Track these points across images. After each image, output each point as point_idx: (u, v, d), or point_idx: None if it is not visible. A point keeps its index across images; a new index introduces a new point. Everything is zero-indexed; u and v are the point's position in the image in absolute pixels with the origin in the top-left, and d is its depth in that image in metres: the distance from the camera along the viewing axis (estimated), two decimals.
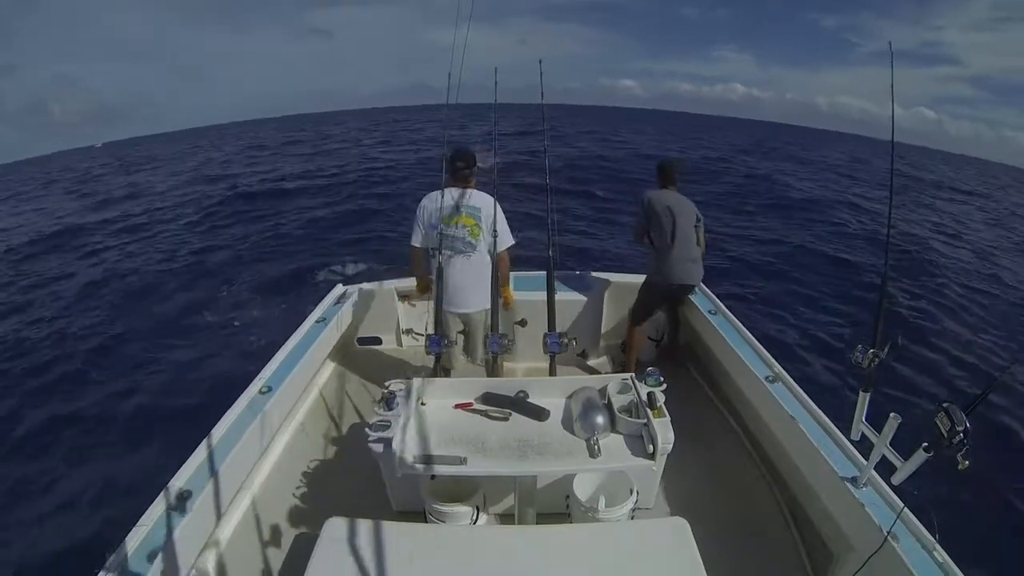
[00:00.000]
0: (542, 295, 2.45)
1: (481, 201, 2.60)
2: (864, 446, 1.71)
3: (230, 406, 2.22)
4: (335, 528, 1.44)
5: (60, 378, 5.39)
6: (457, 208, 2.54)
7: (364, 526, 1.43)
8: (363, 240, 9.43)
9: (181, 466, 1.88)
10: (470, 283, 2.62)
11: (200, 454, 1.94)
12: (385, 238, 9.23)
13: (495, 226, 2.52)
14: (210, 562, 1.86)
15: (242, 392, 2.32)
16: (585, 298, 3.41)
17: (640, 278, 3.33)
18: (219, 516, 1.91)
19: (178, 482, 1.81)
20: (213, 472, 1.88)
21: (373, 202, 12.39)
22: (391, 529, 1.44)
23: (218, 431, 2.07)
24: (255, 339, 5.83)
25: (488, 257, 2.61)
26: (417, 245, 2.70)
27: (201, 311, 6.80)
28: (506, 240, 2.61)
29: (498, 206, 2.56)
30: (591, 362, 3.54)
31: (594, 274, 3.59)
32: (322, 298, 3.34)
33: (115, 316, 6.88)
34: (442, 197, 2.54)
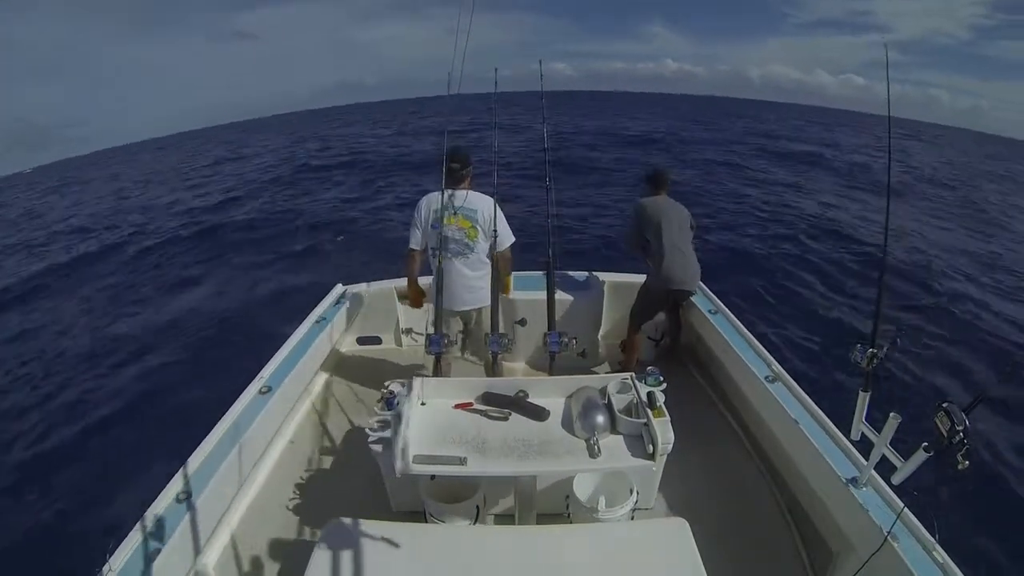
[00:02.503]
0: (542, 295, 2.45)
1: (478, 203, 2.57)
2: (864, 446, 1.71)
3: (230, 406, 2.23)
4: (335, 528, 1.44)
5: (53, 377, 5.40)
6: (453, 210, 2.54)
7: (364, 526, 1.43)
8: None
9: (182, 466, 1.88)
10: (468, 284, 2.62)
11: (200, 454, 1.95)
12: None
13: (494, 227, 2.51)
14: (210, 562, 1.86)
15: (242, 392, 2.32)
16: (585, 298, 3.40)
17: (640, 278, 3.33)
18: (219, 516, 1.92)
19: (178, 482, 1.81)
20: (213, 472, 1.88)
21: None
22: (391, 529, 1.44)
23: (218, 431, 2.07)
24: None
25: (486, 258, 2.61)
26: (415, 248, 2.66)
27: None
28: (506, 240, 2.60)
29: (498, 207, 2.55)
30: (591, 362, 3.54)
31: (594, 274, 3.58)
32: (322, 298, 3.34)
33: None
34: (443, 197, 2.53)
